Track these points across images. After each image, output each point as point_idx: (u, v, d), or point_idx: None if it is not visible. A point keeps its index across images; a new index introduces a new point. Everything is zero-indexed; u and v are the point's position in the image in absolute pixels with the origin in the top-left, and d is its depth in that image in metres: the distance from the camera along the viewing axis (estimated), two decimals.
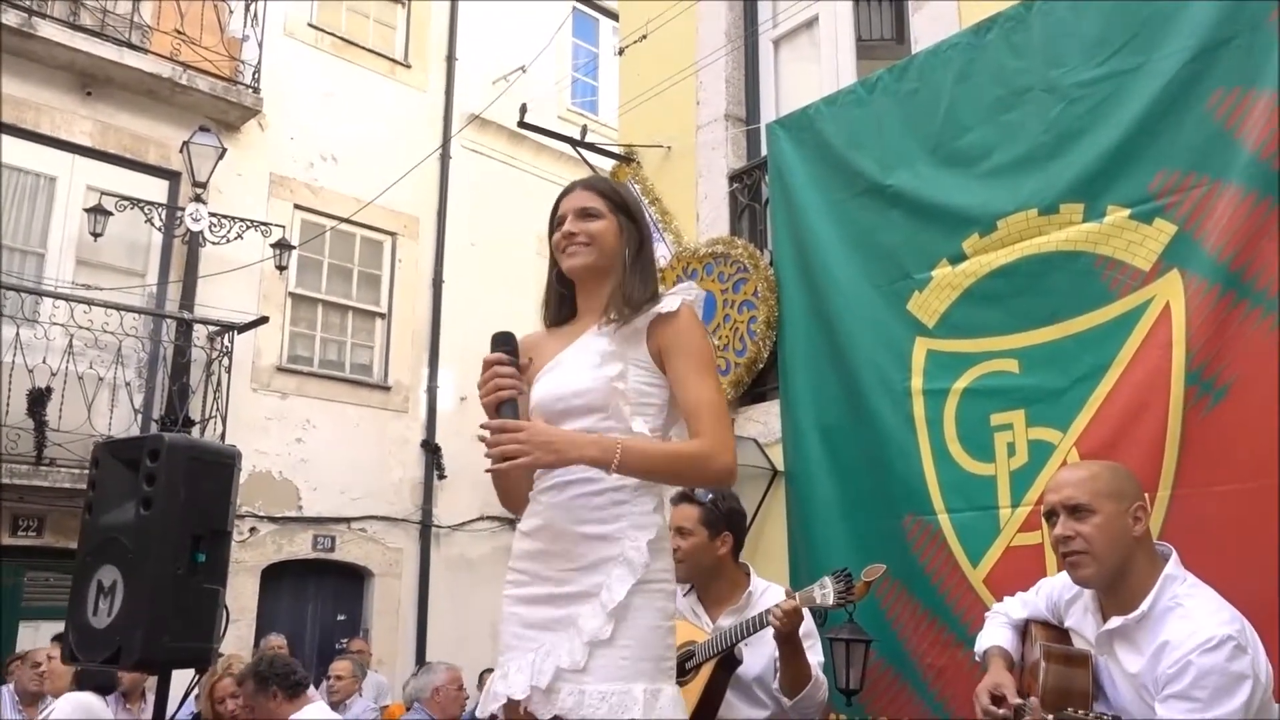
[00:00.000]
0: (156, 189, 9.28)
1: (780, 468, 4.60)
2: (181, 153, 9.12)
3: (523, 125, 6.28)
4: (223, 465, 3.08)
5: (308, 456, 9.72)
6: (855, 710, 3.69)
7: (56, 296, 8.18)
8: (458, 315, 10.81)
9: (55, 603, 7.54)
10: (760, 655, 3.13)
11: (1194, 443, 3.10)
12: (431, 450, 10.56)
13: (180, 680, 3.13)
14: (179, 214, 9.07)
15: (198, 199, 9.05)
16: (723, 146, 5.55)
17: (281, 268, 9.55)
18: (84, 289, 8.49)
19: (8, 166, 8.43)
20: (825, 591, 2.94)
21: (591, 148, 6.11)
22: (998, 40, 3.89)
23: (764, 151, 5.09)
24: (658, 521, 2.17)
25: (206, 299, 9.05)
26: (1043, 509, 2.57)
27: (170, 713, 3.12)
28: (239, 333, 8.98)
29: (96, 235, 8.51)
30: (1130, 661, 2.33)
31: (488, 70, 11.49)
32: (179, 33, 9.20)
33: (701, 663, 3.00)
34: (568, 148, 6.36)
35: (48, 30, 8.45)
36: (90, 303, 8.12)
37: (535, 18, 11.43)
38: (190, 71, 9.18)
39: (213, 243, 9.13)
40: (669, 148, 5.80)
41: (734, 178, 5.47)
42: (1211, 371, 3.10)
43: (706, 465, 2.13)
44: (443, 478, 10.54)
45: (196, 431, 8.42)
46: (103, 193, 8.72)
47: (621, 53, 6.39)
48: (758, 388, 4.93)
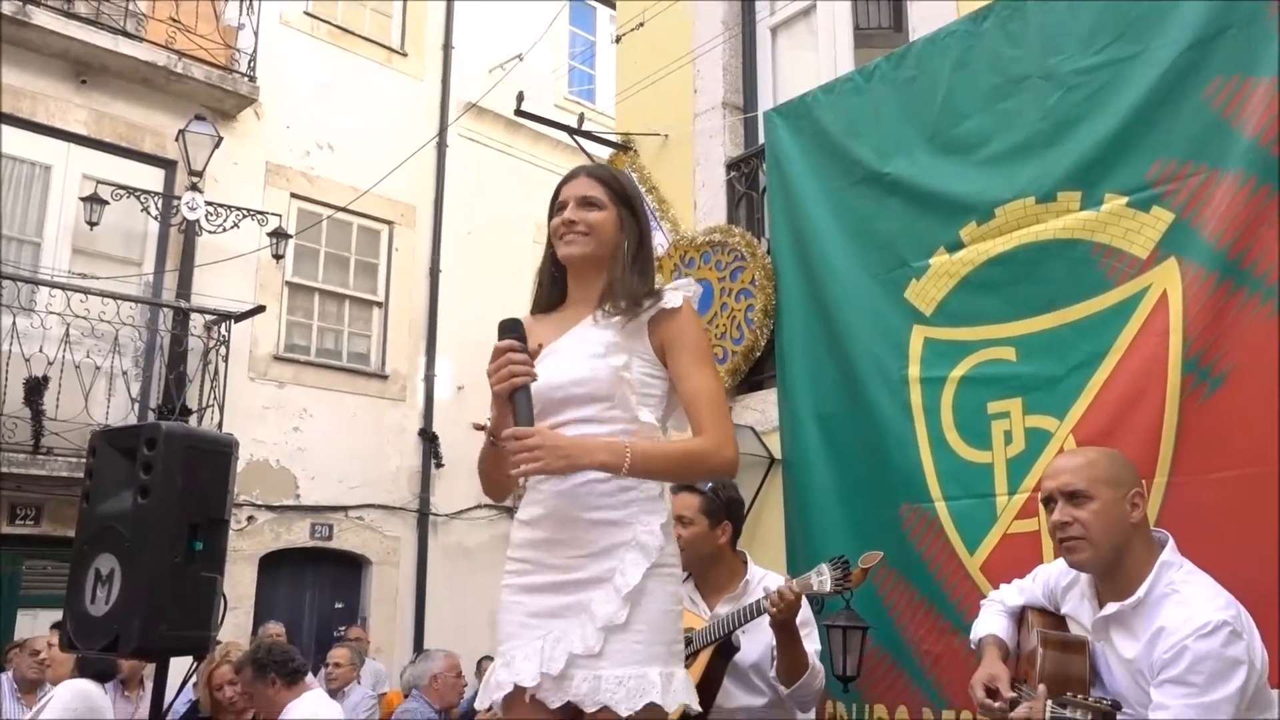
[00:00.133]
0: (152, 178, 9.26)
1: (778, 456, 4.60)
2: (177, 141, 9.11)
3: (520, 114, 6.27)
4: (220, 454, 3.09)
5: (305, 445, 9.72)
6: (852, 697, 3.71)
7: (53, 285, 8.17)
8: (455, 304, 10.80)
9: (53, 591, 7.53)
10: (758, 643, 3.14)
11: (1191, 430, 3.11)
12: (429, 439, 10.56)
13: (178, 668, 3.14)
14: (175, 203, 9.05)
15: (194, 188, 9.04)
16: (720, 135, 5.54)
17: (278, 257, 9.52)
18: (80, 278, 8.46)
19: (3, 155, 8.41)
20: (822, 579, 2.94)
21: (589, 136, 6.09)
22: (995, 28, 3.88)
23: (761, 140, 5.08)
24: (666, 506, 2.21)
25: (203, 288, 9.03)
26: (1040, 495, 2.58)
27: (168, 700, 3.12)
28: (236, 322, 8.97)
29: (92, 224, 8.49)
30: (1126, 647, 2.34)
31: (484, 59, 11.45)
32: (174, 21, 9.15)
33: (699, 649, 3.01)
34: (565, 136, 6.34)
35: (42, 18, 8.41)
36: (87, 292, 8.10)
37: (532, 6, 11.37)
38: (186, 60, 9.14)
39: (209, 232, 9.11)
40: (666, 136, 5.78)
41: (731, 166, 5.46)
42: (1209, 359, 3.10)
43: (710, 461, 2.17)
44: (440, 466, 10.55)
45: (194, 420, 8.41)
46: (98, 181, 8.69)
47: (619, 41, 6.37)
48: (755, 376, 4.93)
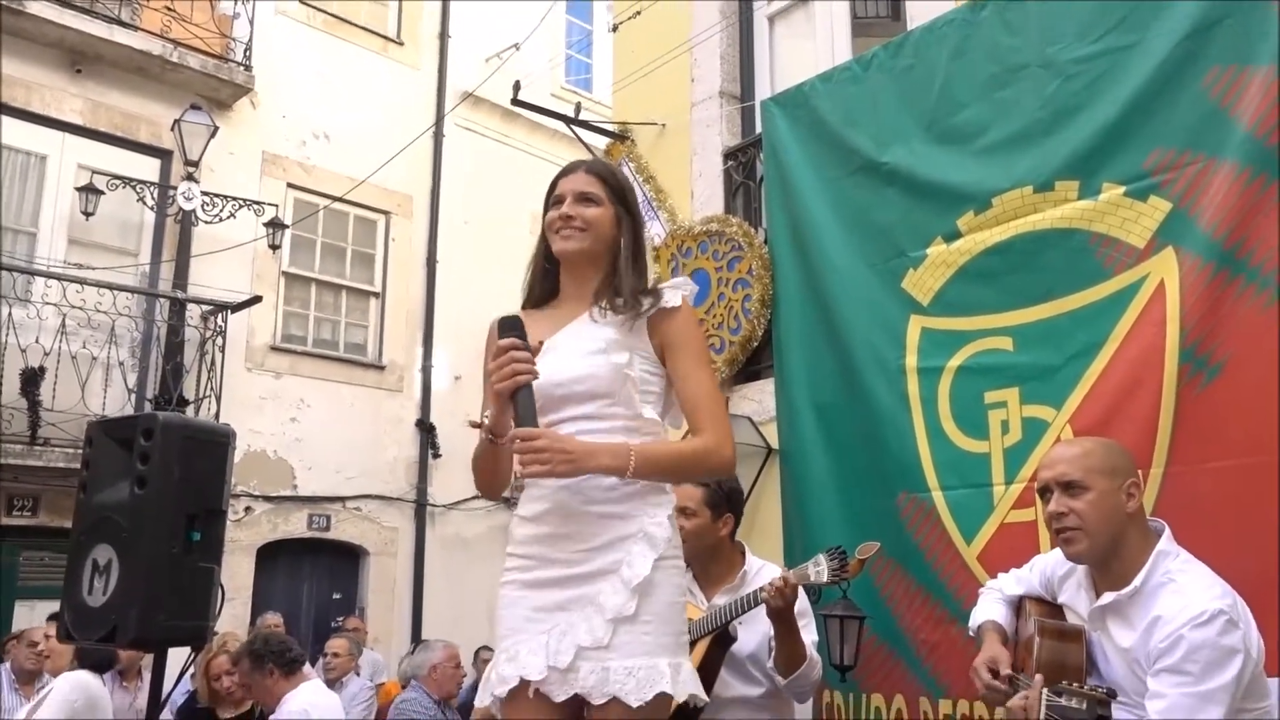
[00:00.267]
0: (148, 167, 9.23)
1: (775, 446, 4.60)
2: (173, 131, 9.08)
3: (516, 103, 6.24)
4: (217, 444, 3.07)
5: (302, 436, 9.72)
6: (849, 686, 3.71)
7: (49, 276, 8.14)
8: (452, 294, 10.80)
9: (50, 582, 7.52)
10: (755, 633, 3.15)
11: (1187, 420, 3.11)
12: (426, 429, 10.57)
13: (176, 658, 3.13)
14: (171, 193, 9.03)
15: (190, 177, 9.02)
16: (717, 124, 5.52)
17: (275, 247, 9.52)
18: (76, 268, 8.45)
19: None
20: (820, 569, 2.95)
21: (586, 125, 6.07)
22: (993, 16, 3.87)
23: (759, 129, 5.06)
24: (671, 497, 2.24)
25: (199, 278, 9.02)
26: (1036, 485, 2.58)
27: (166, 690, 3.12)
28: (232, 312, 8.95)
29: (88, 214, 8.47)
30: (1123, 636, 2.34)
31: (481, 48, 11.42)
32: (169, 9, 9.12)
33: (696, 640, 3.01)
34: (562, 126, 6.32)
35: (36, 7, 8.37)
36: (83, 282, 8.09)
37: None
38: (181, 49, 9.11)
39: (205, 222, 9.10)
40: (663, 125, 5.77)
41: (729, 155, 5.44)
42: (1205, 349, 3.10)
43: (710, 460, 2.20)
44: (437, 456, 10.56)
45: (190, 411, 8.40)
46: (94, 171, 8.68)
47: (615, 29, 6.35)
48: (752, 366, 4.93)
